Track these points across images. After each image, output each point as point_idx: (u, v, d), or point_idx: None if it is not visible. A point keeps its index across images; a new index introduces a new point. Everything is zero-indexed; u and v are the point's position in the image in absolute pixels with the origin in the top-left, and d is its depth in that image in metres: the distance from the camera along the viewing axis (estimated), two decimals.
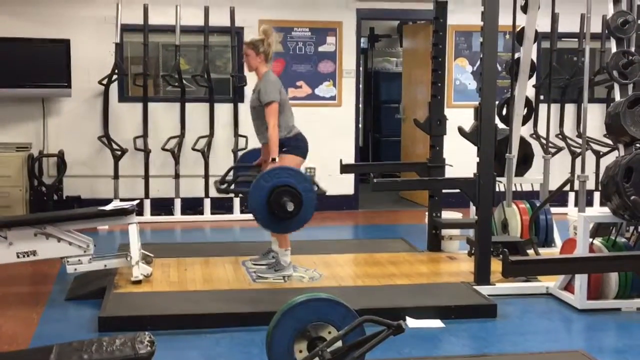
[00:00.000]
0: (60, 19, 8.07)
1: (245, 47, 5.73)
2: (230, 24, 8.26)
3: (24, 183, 7.70)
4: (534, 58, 7.12)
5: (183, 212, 8.16)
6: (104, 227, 7.26)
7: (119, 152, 7.97)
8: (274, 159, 5.44)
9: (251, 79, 8.23)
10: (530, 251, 6.00)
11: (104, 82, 7.90)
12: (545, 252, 6.18)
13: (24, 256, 5.32)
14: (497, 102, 6.06)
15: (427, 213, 6.64)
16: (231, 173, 6.13)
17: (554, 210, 6.88)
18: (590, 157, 8.19)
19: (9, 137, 8.00)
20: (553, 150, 8.28)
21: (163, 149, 8.05)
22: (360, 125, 9.57)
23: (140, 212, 7.26)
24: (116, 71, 7.91)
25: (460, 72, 9.01)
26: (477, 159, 5.52)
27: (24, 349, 4.22)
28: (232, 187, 5.97)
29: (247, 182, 5.62)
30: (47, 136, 8.13)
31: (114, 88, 8.11)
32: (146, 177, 8.05)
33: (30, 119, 8.11)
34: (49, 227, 5.34)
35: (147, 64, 8.13)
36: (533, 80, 8.30)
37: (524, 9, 6.45)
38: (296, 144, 5.66)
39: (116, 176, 7.94)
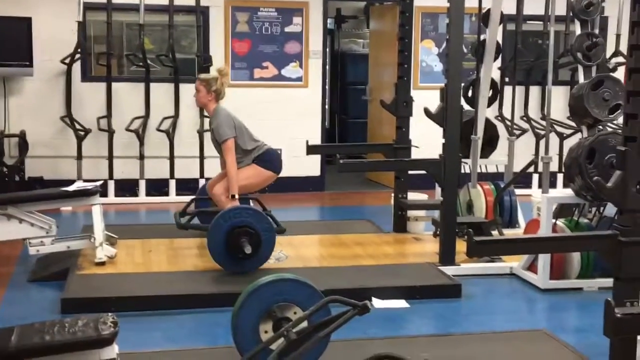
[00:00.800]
0: None
1: (197, 83, 5.85)
2: (195, 3, 8.16)
3: None
4: (500, 40, 7.15)
5: (148, 194, 8.09)
6: (67, 208, 7.16)
7: (82, 133, 7.86)
8: (232, 196, 5.50)
9: (217, 58, 8.19)
10: (495, 232, 6.05)
11: (67, 61, 7.77)
12: (510, 233, 6.25)
13: None
14: (462, 84, 6.08)
15: (393, 194, 6.66)
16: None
17: (518, 191, 6.95)
18: (554, 139, 8.25)
19: None
20: (518, 132, 8.34)
21: (127, 129, 7.96)
22: (326, 107, 9.54)
23: (104, 194, 7.18)
24: (79, 50, 7.79)
25: (427, 54, 9.02)
26: (443, 141, 5.54)
27: None
28: (192, 221, 6.03)
29: (208, 214, 5.72)
30: (8, 116, 7.98)
31: (76, 67, 7.99)
32: (110, 158, 7.96)
33: None
34: (10, 208, 5.26)
35: (110, 43, 8.01)
36: (498, 63, 8.33)
37: None
38: (266, 159, 5.78)
39: (79, 157, 7.84)
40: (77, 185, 5.87)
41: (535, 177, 8.67)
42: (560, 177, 8.71)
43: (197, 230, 5.97)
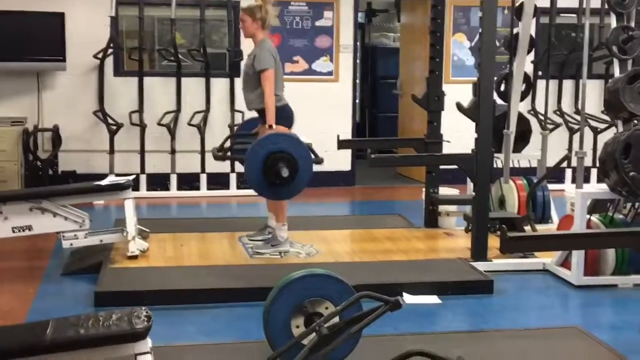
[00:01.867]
0: None
1: (241, 13, 5.72)
2: None
3: (19, 158, 7.66)
4: (533, 33, 7.07)
5: (179, 188, 8.13)
6: (100, 202, 7.22)
7: (114, 127, 7.92)
8: (270, 126, 5.43)
9: (247, 51, 8.18)
10: (527, 227, 5.99)
11: (99, 56, 7.84)
12: (542, 229, 6.18)
13: (19, 231, 5.29)
14: (495, 78, 6.02)
15: (424, 189, 6.63)
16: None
17: (551, 186, 6.86)
18: (587, 134, 8.14)
19: (4, 112, 7.94)
20: (551, 127, 8.24)
21: (159, 124, 8.00)
22: (357, 101, 9.51)
23: (136, 187, 7.23)
24: (111, 45, 7.84)
25: (459, 48, 8.95)
26: (475, 135, 5.49)
27: (20, 323, 4.21)
28: (229, 154, 5.93)
29: (244, 150, 5.60)
30: (42, 110, 8.07)
31: (109, 62, 8.05)
32: (142, 152, 8.01)
33: (25, 93, 8.04)
34: (44, 201, 5.31)
35: (142, 38, 8.06)
36: (531, 56, 8.24)
37: None
38: (284, 115, 5.63)
39: (112, 151, 7.90)
40: (110, 180, 5.93)
41: (569, 172, 8.57)
42: (594, 172, 8.60)
43: (235, 160, 5.87)
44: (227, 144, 6.19)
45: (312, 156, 5.27)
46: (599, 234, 4.83)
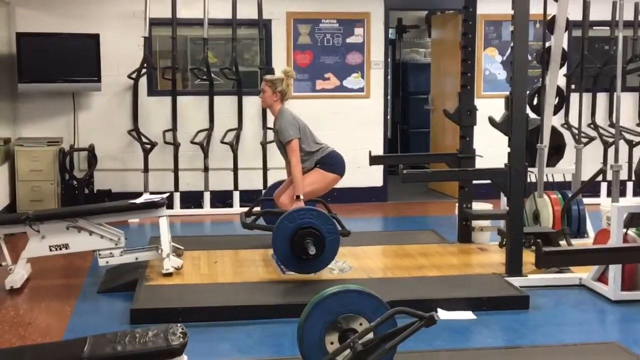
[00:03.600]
0: (90, 14, 8.13)
1: (263, 84, 5.94)
2: (257, 17, 8.25)
3: (56, 177, 7.78)
4: (565, 47, 7.03)
5: (212, 205, 8.18)
6: (135, 220, 7.30)
7: (148, 146, 8.01)
8: (297, 197, 5.52)
9: (278, 68, 8.25)
10: (562, 242, 5.93)
11: (133, 76, 7.94)
12: (578, 243, 6.12)
13: (56, 249, 5.38)
14: (528, 92, 5.99)
15: (457, 204, 6.59)
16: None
17: (586, 200, 6.79)
18: (622, 147, 8.07)
19: (41, 132, 8.08)
20: (585, 140, 8.18)
21: (192, 142, 8.08)
22: (388, 117, 9.51)
23: (170, 205, 7.29)
24: (145, 65, 7.95)
25: (490, 62, 8.93)
26: (508, 150, 5.46)
27: (58, 340, 4.26)
28: (258, 222, 6.07)
29: (273, 215, 5.75)
30: (78, 130, 8.20)
31: (143, 82, 8.16)
32: (175, 170, 8.09)
33: (61, 114, 8.18)
34: (80, 220, 5.39)
35: (175, 58, 8.16)
36: (564, 69, 8.19)
37: None
38: (330, 162, 5.79)
39: (146, 169, 7.99)
40: (145, 198, 5.99)
41: (604, 185, 8.48)
42: (629, 186, 8.51)
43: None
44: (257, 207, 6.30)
45: (339, 227, 5.39)
46: (636, 248, 4.76)
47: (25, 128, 8.12)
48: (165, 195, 5.82)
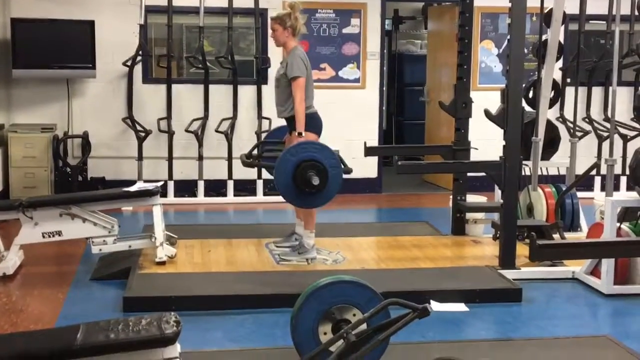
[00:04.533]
0: (85, 0, 8.07)
1: (272, 23, 5.73)
2: (254, 5, 8.22)
3: (49, 164, 7.74)
4: (562, 40, 7.03)
5: (206, 194, 8.17)
6: (128, 208, 7.28)
7: (142, 134, 7.98)
8: (300, 133, 5.44)
9: (275, 59, 8.22)
10: (556, 235, 5.94)
11: (128, 63, 7.91)
12: (571, 237, 6.13)
13: (49, 236, 5.37)
14: (523, 85, 5.99)
15: (451, 196, 6.60)
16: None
17: (580, 194, 6.80)
18: (617, 141, 8.06)
19: (34, 118, 8.04)
20: (580, 134, 8.19)
21: (187, 130, 8.06)
22: (383, 108, 9.50)
23: (164, 194, 7.29)
24: (140, 52, 7.91)
25: (486, 55, 8.92)
26: (503, 142, 5.46)
27: (51, 328, 4.26)
28: (258, 161, 5.95)
29: (273, 157, 5.62)
30: (72, 117, 8.16)
31: (138, 69, 8.12)
32: (170, 158, 8.07)
33: (55, 100, 8.14)
34: (74, 207, 5.38)
35: (171, 46, 8.13)
36: (560, 63, 8.19)
37: None
38: (312, 123, 5.63)
39: (140, 157, 7.96)
40: (138, 186, 5.97)
41: (598, 179, 8.49)
42: (623, 180, 8.51)
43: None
44: (256, 151, 6.21)
45: (342, 165, 5.28)
46: (629, 242, 4.78)
47: (19, 114, 8.09)
48: (159, 184, 5.80)
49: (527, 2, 5.35)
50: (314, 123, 5.61)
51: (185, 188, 8.21)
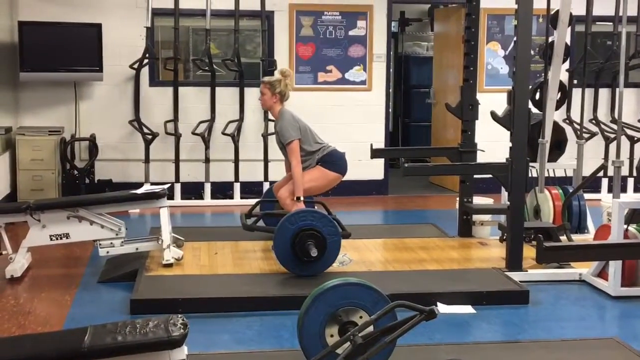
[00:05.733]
0: (92, 3, 8.10)
1: (262, 86, 5.92)
2: (260, 8, 8.23)
3: (57, 166, 7.77)
4: (568, 42, 7.02)
5: (213, 196, 8.18)
6: (136, 210, 7.30)
7: (149, 136, 8.00)
8: (298, 198, 5.52)
9: (281, 61, 8.24)
10: (563, 237, 5.93)
11: (135, 66, 7.93)
12: (578, 239, 6.12)
13: (57, 239, 5.38)
14: (530, 87, 5.98)
15: (458, 198, 6.59)
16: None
17: (587, 196, 6.79)
18: (624, 143, 8.06)
19: (42, 121, 8.07)
20: (587, 136, 8.17)
21: (193, 133, 8.07)
22: (390, 110, 9.50)
23: (170, 196, 7.31)
24: (147, 55, 7.94)
25: (492, 56, 8.91)
26: (510, 144, 5.46)
27: (58, 330, 4.27)
28: (258, 223, 6.06)
29: (273, 216, 5.77)
30: (79, 120, 8.19)
31: (144, 72, 8.14)
32: (177, 161, 8.09)
33: (62, 103, 8.17)
34: (81, 210, 5.39)
35: (177, 48, 8.15)
36: (567, 65, 8.18)
37: None
38: (331, 160, 5.78)
39: (147, 160, 7.98)
40: (145, 188, 5.99)
41: (605, 181, 8.47)
42: (630, 182, 8.51)
43: (263, 233, 6.00)
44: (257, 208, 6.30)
45: (340, 230, 5.37)
46: (637, 244, 4.76)
47: (26, 117, 8.12)
48: (166, 186, 5.82)
49: (533, 3, 5.34)
50: (333, 160, 5.78)
51: (192, 190, 8.22)
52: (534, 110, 6.57)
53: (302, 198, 5.58)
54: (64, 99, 8.15)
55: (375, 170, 8.69)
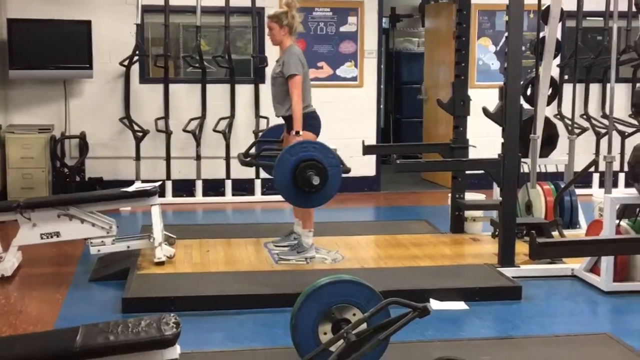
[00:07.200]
0: (81, 0, 8.05)
1: (268, 21, 5.70)
2: (251, 5, 8.21)
3: (47, 165, 7.73)
4: (559, 37, 7.03)
5: (204, 194, 8.16)
6: (127, 208, 7.27)
7: (140, 134, 7.97)
8: (297, 132, 5.42)
9: (272, 58, 8.20)
10: (555, 233, 5.94)
11: (125, 63, 7.89)
12: (570, 234, 6.13)
13: (47, 237, 5.35)
14: (521, 82, 5.98)
15: (450, 194, 6.59)
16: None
17: (578, 191, 6.80)
18: (615, 138, 8.07)
19: (32, 119, 8.02)
20: (578, 131, 8.17)
21: (184, 130, 8.04)
22: (381, 106, 9.49)
23: (162, 194, 7.26)
24: (137, 52, 7.89)
25: (484, 52, 8.91)
26: (502, 140, 5.46)
27: (50, 330, 4.24)
28: (255, 160, 5.93)
29: (271, 156, 5.61)
30: (69, 118, 8.14)
31: (135, 69, 8.10)
32: (168, 158, 8.06)
33: (52, 101, 8.12)
34: (72, 208, 5.36)
35: (167, 45, 8.11)
36: (558, 60, 8.18)
37: None
38: (311, 122, 5.61)
39: (138, 158, 7.95)
40: (136, 186, 5.95)
41: (596, 176, 8.49)
42: (621, 177, 8.52)
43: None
44: (253, 149, 6.20)
45: (341, 164, 5.27)
46: (629, 240, 4.76)
47: (16, 115, 8.07)
48: (157, 184, 5.79)
49: None
50: (312, 122, 5.60)
51: (184, 188, 8.19)
52: (526, 105, 6.57)
53: (301, 132, 5.44)
54: (54, 96, 8.10)
55: (367, 166, 8.68)
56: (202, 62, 8.12)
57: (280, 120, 5.87)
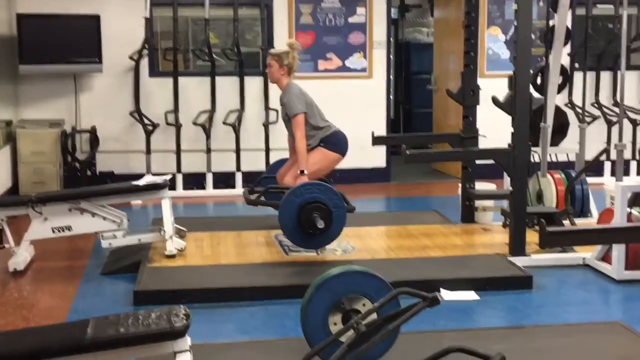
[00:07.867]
0: None
1: (269, 58, 5.86)
2: None
3: (58, 159, 7.76)
4: (569, 25, 6.98)
5: (215, 186, 8.17)
6: (138, 201, 7.29)
7: (150, 127, 7.99)
8: (302, 172, 5.50)
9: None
10: (566, 222, 5.92)
11: (135, 57, 7.91)
12: (581, 223, 6.10)
13: (59, 231, 5.37)
14: (531, 71, 5.95)
15: (460, 184, 6.57)
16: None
17: (589, 180, 6.77)
18: (626, 126, 8.03)
19: (42, 114, 8.06)
20: (589, 119, 8.14)
21: (194, 123, 8.06)
22: (391, 97, 9.48)
23: (172, 187, 7.30)
24: (146, 46, 7.91)
25: (493, 41, 8.87)
26: (512, 129, 5.44)
27: (61, 322, 4.27)
28: (262, 198, 6.02)
29: (276, 192, 5.73)
30: (80, 112, 8.17)
31: (144, 63, 8.12)
32: (178, 151, 8.07)
33: (62, 95, 8.15)
34: (83, 202, 5.38)
35: (176, 39, 8.12)
36: (568, 48, 8.13)
37: None
38: (333, 141, 5.74)
39: (148, 151, 7.97)
40: (147, 179, 5.97)
41: (607, 165, 8.45)
42: (633, 165, 8.49)
43: (267, 207, 5.97)
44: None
45: (345, 204, 5.35)
46: None
47: (26, 110, 8.10)
48: (167, 177, 5.80)
49: None
50: (335, 141, 5.73)
51: (194, 181, 8.21)
52: (536, 94, 6.54)
53: (306, 172, 5.55)
54: (64, 91, 8.13)
55: (377, 157, 8.68)
56: (211, 55, 8.13)
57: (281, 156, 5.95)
